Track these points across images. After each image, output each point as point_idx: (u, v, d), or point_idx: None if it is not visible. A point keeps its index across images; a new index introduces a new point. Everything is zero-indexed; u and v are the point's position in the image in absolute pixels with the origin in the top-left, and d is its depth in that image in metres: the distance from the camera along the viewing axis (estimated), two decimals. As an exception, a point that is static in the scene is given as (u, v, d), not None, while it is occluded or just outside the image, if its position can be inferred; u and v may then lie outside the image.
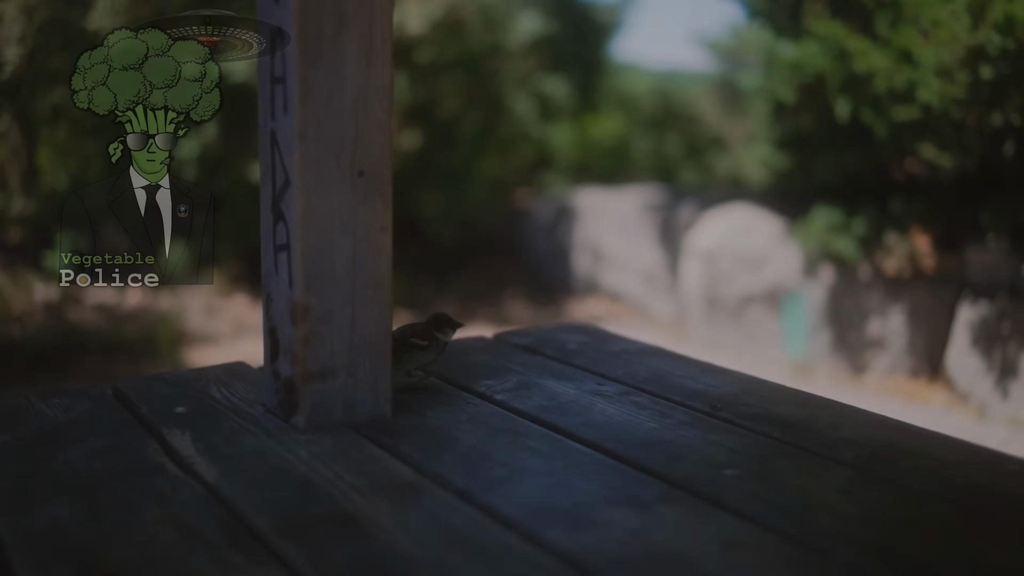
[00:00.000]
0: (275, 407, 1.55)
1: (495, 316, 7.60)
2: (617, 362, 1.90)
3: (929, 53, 5.17)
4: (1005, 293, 5.57)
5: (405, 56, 7.36)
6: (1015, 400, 5.40)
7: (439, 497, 1.25)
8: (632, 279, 8.07)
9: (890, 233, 6.06)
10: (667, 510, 1.21)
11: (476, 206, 8.47)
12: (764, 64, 6.85)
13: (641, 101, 11.17)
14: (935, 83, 5.16)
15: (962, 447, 1.43)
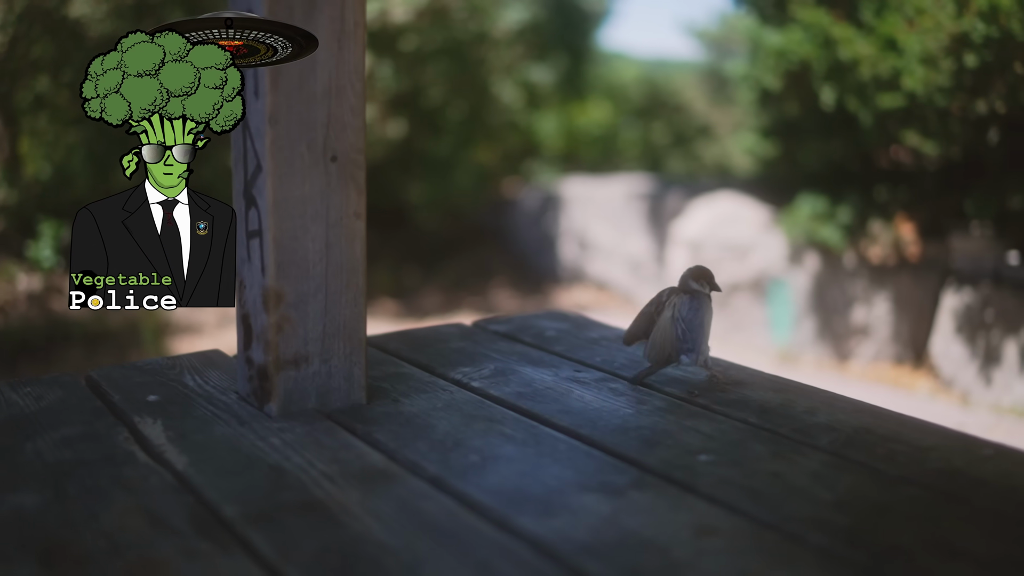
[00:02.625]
0: (248, 395, 1.54)
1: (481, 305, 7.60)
2: (596, 349, 1.89)
3: (914, 41, 5.17)
4: (989, 280, 5.58)
5: (390, 44, 7.33)
6: (998, 387, 5.42)
7: (411, 484, 1.24)
8: (618, 268, 8.06)
9: (875, 221, 6.07)
10: (640, 496, 1.20)
11: (462, 195, 8.46)
12: (749, 52, 6.85)
13: (628, 90, 11.16)
14: (920, 71, 5.16)
15: (937, 432, 1.43)
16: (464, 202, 8.62)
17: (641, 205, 7.89)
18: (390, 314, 7.27)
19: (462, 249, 8.74)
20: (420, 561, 1.03)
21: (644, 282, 7.75)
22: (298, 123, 1.44)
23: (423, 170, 8.11)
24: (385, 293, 7.66)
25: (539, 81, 9.59)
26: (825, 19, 5.68)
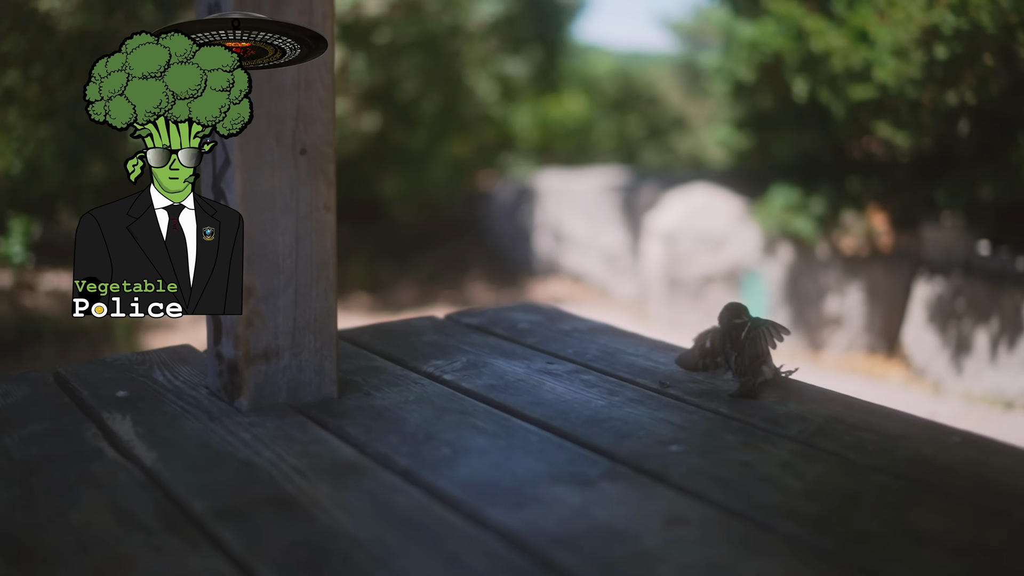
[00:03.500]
0: (218, 390, 1.53)
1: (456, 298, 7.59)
2: (568, 341, 1.89)
3: (885, 33, 5.20)
4: (960, 270, 5.63)
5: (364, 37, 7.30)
6: (969, 376, 5.47)
7: (382, 478, 1.24)
8: (593, 260, 8.08)
9: (847, 212, 6.11)
10: (611, 487, 1.20)
11: (437, 188, 8.44)
12: (723, 44, 6.87)
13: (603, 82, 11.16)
14: (891, 62, 5.19)
15: (906, 420, 1.44)
16: (439, 195, 8.61)
17: (616, 197, 7.90)
18: (365, 308, 7.25)
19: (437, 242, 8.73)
20: (390, 554, 1.03)
21: (619, 274, 7.77)
22: (266, 116, 1.43)
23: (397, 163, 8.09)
24: (360, 287, 7.64)
25: (513, 74, 9.58)
26: (797, 11, 5.71)
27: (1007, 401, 5.24)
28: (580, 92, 10.82)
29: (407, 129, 8.10)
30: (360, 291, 7.61)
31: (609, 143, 10.64)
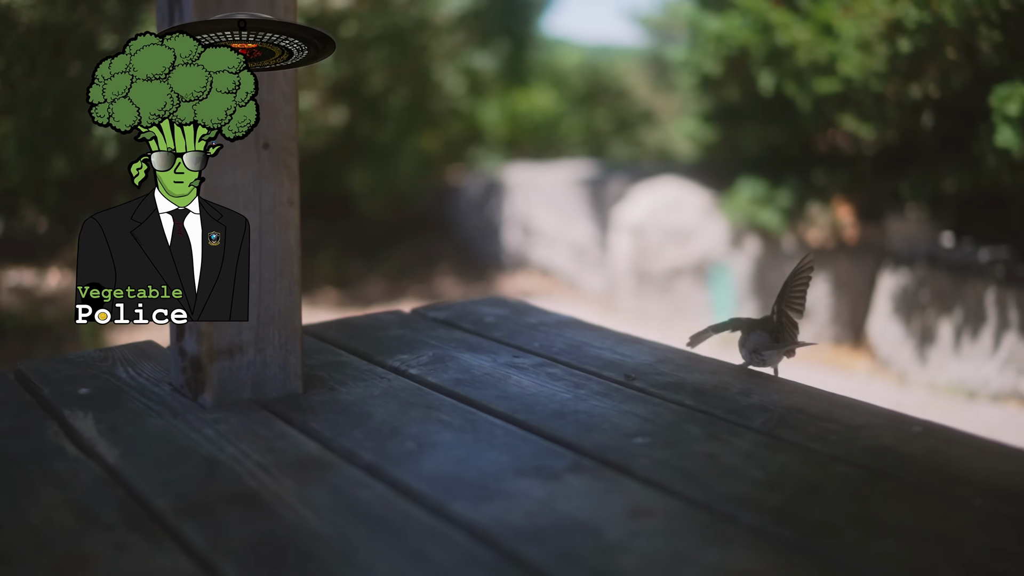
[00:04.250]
0: (182, 386, 1.52)
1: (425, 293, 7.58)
2: (535, 334, 1.90)
3: (849, 26, 5.24)
4: (924, 262, 5.69)
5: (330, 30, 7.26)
6: (934, 366, 5.53)
7: (347, 473, 1.23)
8: (562, 254, 8.09)
9: (813, 204, 6.16)
10: (575, 479, 1.20)
11: (405, 182, 8.41)
12: (690, 37, 6.90)
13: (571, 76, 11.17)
14: (855, 56, 5.23)
15: (868, 410, 1.45)
16: (407, 189, 8.58)
17: (584, 191, 7.91)
18: (333, 303, 7.22)
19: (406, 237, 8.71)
20: (354, 549, 1.02)
21: (588, 267, 7.79)
22: (228, 110, 1.42)
23: (365, 157, 8.05)
24: (328, 282, 7.60)
25: (481, 68, 9.56)
26: (763, 5, 5.74)
27: (970, 391, 5.31)
28: (548, 86, 10.82)
29: (375, 123, 8.07)
30: (328, 286, 7.57)
31: (577, 136, 10.65)
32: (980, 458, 1.28)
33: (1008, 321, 5.24)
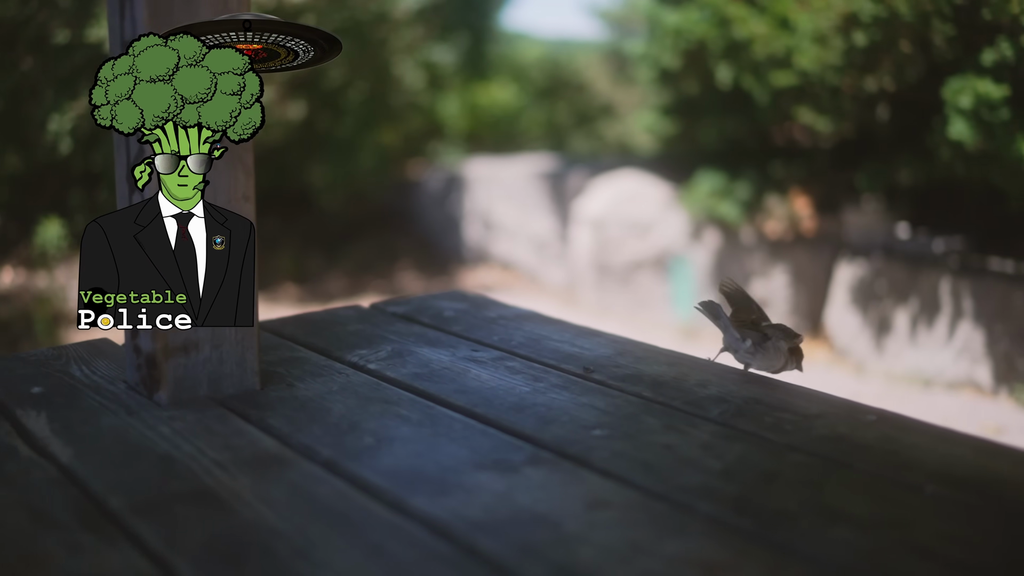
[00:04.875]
0: (137, 384, 1.50)
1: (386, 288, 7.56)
2: (494, 328, 1.90)
3: (805, 20, 5.29)
4: (880, 253, 5.76)
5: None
6: (890, 355, 5.60)
7: (304, 469, 1.23)
8: (523, 247, 8.10)
9: (771, 196, 6.21)
10: (534, 472, 1.21)
11: (365, 177, 8.38)
12: (648, 31, 6.92)
13: (531, 70, 11.17)
14: (811, 49, 5.28)
15: (823, 400, 1.47)
16: (367, 184, 8.55)
17: (545, 185, 7.93)
18: (293, 299, 7.17)
19: (366, 232, 8.67)
20: (312, 545, 1.02)
21: (549, 261, 7.80)
22: (181, 104, 1.40)
23: (325, 152, 8.01)
24: (288, 278, 7.55)
25: (441, 62, 9.54)
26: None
27: (926, 379, 5.38)
28: (508, 80, 10.82)
29: (334, 117, 8.02)
30: (288, 282, 7.53)
31: (538, 130, 10.67)
32: (932, 445, 1.29)
33: (962, 310, 5.32)
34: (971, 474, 1.20)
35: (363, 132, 8.28)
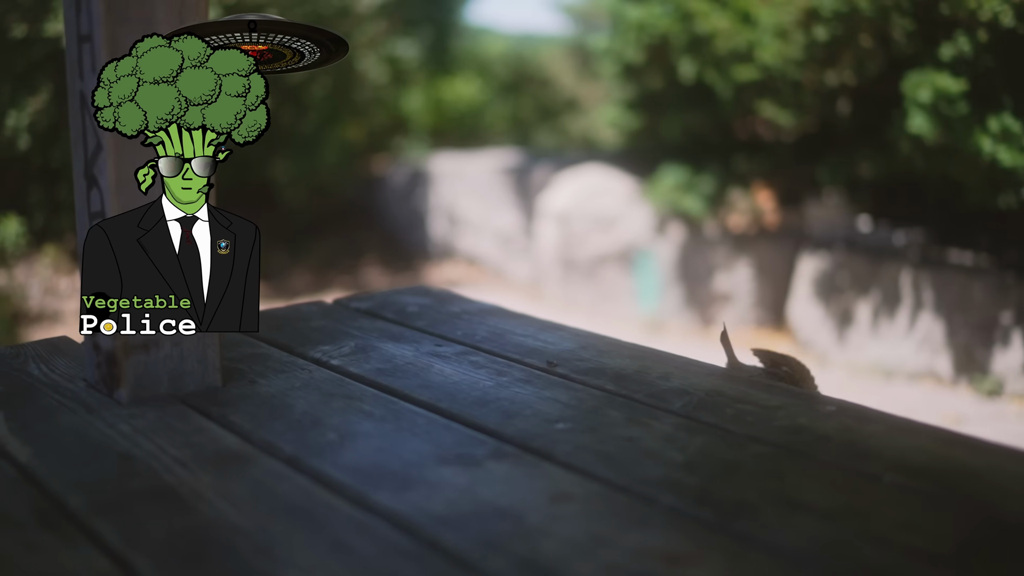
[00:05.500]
0: (97, 381, 1.49)
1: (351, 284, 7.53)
2: (457, 323, 1.90)
3: (767, 14, 5.32)
4: (842, 245, 5.82)
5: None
6: (852, 347, 5.66)
7: (267, 465, 1.22)
8: (488, 242, 8.10)
9: (734, 190, 6.26)
10: (497, 466, 1.21)
11: (329, 172, 8.34)
12: (612, 25, 6.94)
13: (496, 65, 11.17)
14: (773, 44, 5.32)
15: (784, 391, 1.48)
16: (331, 180, 8.51)
17: (509, 179, 7.93)
18: (258, 295, 7.11)
19: (331, 227, 8.63)
20: (274, 542, 1.01)
21: (514, 256, 7.80)
22: (139, 99, 1.39)
23: (287, 147, 7.96)
24: (252, 274, 7.49)
25: (405, 56, 9.51)
26: (683, -7, 5.80)
27: (887, 370, 5.45)
28: (473, 75, 10.81)
29: (296, 112, 7.97)
30: (252, 278, 7.46)
31: (502, 125, 10.67)
32: (891, 435, 1.31)
33: (923, 302, 5.39)
34: (929, 463, 1.22)
35: (326, 127, 8.24)
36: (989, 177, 4.80)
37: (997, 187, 4.85)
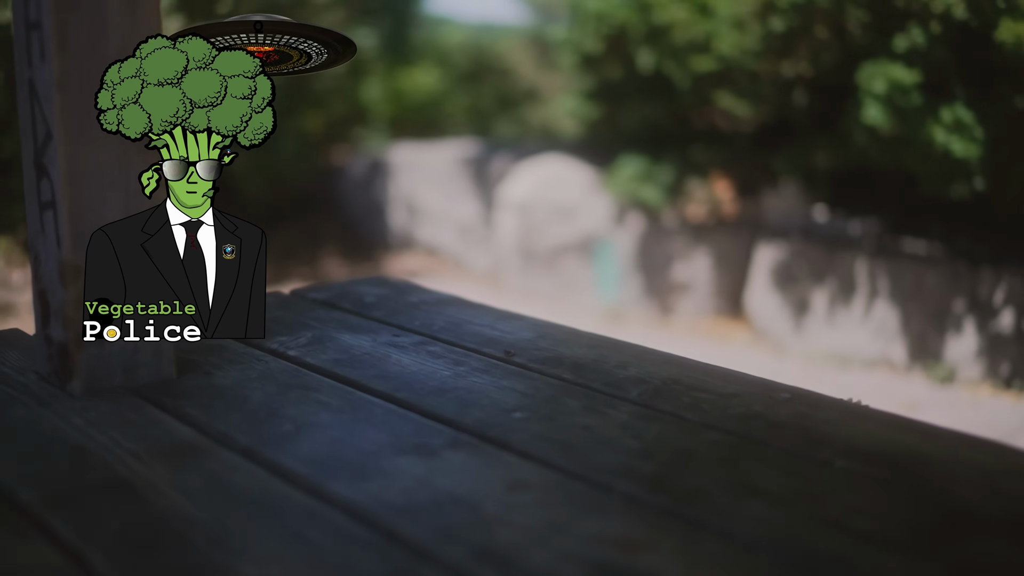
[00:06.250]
0: (49, 374, 1.47)
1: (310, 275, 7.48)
2: (415, 313, 1.89)
3: (724, 5, 5.35)
4: (798, 235, 5.87)
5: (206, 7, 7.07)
6: (809, 335, 5.72)
7: (222, 457, 1.21)
8: (448, 233, 8.08)
9: (692, 180, 6.29)
10: (454, 455, 1.21)
11: (287, 163, 8.28)
12: (570, 16, 6.95)
13: (455, 55, 11.13)
14: (730, 35, 5.35)
15: (740, 379, 1.50)
16: (289, 170, 8.44)
17: (469, 170, 7.92)
18: (216, 287, 7.06)
19: (289, 219, 8.57)
20: (229, 533, 1.01)
21: (474, 246, 7.80)
22: (90, 88, 1.37)
23: (245, 138, 7.88)
24: (210, 266, 7.43)
25: (363, 46, 9.44)
26: (641, -16, 5.82)
27: (843, 358, 5.51)
28: (432, 65, 10.77)
29: (254, 102, 7.89)
30: (210, 270, 7.40)
31: (462, 115, 10.64)
32: (843, 421, 1.33)
33: (878, 290, 5.46)
34: (881, 448, 1.24)
35: (284, 118, 8.16)
36: (942, 167, 4.87)
37: (949, 177, 4.92)
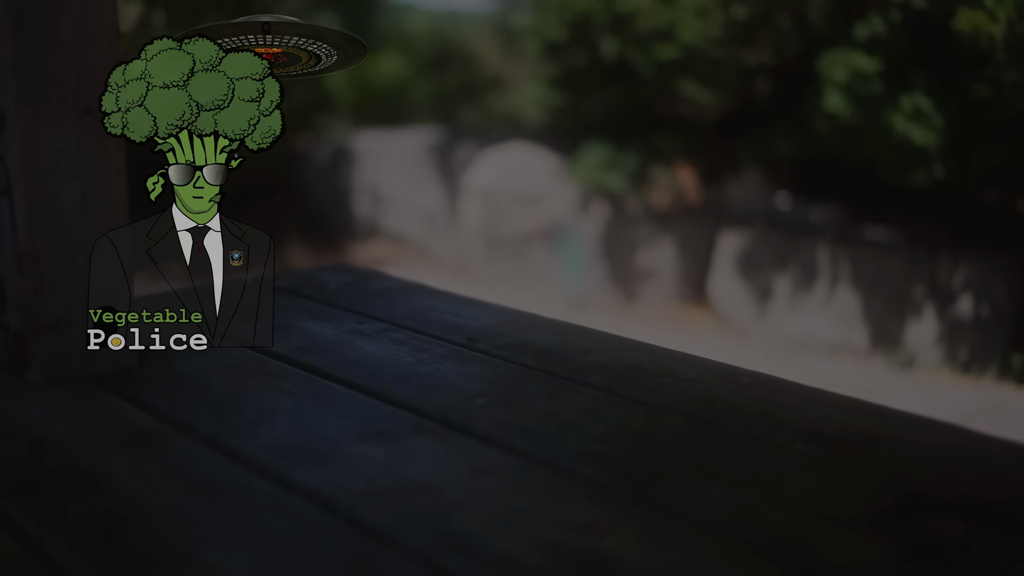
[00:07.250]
0: (6, 363, 1.45)
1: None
2: (379, 300, 1.89)
3: (687, -8, 5.37)
4: (761, 222, 5.92)
5: (164, -7, 7.00)
6: (772, 322, 5.78)
7: (183, 445, 1.21)
8: (413, 220, 8.06)
9: (656, 168, 6.32)
10: (417, 442, 1.21)
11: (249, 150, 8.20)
12: (535, 3, 6.94)
13: (419, 42, 11.09)
14: (693, 23, 5.37)
15: (701, 364, 1.51)
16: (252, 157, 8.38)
17: (434, 157, 7.90)
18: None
19: (252, 207, 8.51)
20: (189, 521, 1.01)
21: (439, 234, 7.79)
22: (45, 73, 1.35)
23: (207, 125, 7.81)
24: (172, 254, 7.36)
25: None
26: (605, -29, 5.82)
27: (805, 344, 5.57)
28: (396, 52, 10.72)
29: (216, 89, 7.83)
30: (172, 258, 7.34)
31: (426, 103, 10.60)
32: (802, 405, 1.35)
33: (839, 277, 5.52)
34: (839, 431, 1.26)
35: (247, 104, 8.09)
36: (901, 155, 4.92)
37: (909, 165, 4.98)
